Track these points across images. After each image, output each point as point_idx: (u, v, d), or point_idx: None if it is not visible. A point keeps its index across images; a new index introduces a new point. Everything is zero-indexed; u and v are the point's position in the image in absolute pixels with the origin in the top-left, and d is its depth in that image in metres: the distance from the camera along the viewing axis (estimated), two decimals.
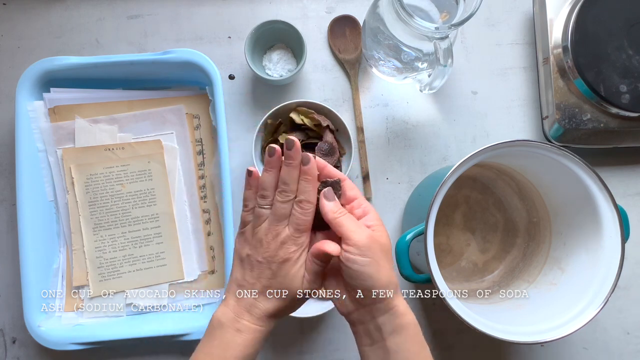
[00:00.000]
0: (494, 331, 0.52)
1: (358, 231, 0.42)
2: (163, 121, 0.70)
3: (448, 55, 0.56)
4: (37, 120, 0.67)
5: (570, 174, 0.55)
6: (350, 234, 0.42)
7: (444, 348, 0.69)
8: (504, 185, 0.69)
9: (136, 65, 0.66)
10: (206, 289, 0.68)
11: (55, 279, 0.67)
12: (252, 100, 0.72)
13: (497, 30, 0.75)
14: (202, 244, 0.69)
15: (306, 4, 0.74)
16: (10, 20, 0.73)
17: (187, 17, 0.73)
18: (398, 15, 0.55)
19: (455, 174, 0.52)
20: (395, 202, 0.71)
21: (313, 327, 0.68)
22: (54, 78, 0.67)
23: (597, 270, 0.55)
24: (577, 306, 0.54)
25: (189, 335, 0.63)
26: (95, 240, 0.67)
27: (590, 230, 0.57)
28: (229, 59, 0.73)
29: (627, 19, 0.66)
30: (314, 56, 0.73)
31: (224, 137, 0.65)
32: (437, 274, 0.52)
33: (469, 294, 0.65)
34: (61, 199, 0.68)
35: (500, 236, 0.70)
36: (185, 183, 0.69)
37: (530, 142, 0.54)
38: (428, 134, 0.72)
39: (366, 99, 0.73)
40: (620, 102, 0.64)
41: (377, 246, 0.43)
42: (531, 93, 0.73)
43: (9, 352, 0.68)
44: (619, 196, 0.65)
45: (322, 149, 0.64)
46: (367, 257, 0.42)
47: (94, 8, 0.73)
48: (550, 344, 0.68)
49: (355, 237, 0.42)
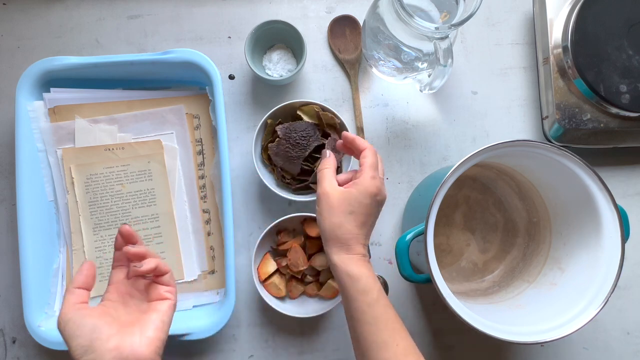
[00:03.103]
0: (494, 331, 0.52)
1: (319, 185, 0.54)
2: (163, 121, 0.70)
3: (448, 55, 0.56)
4: (37, 120, 0.67)
5: (570, 174, 0.55)
6: (317, 188, 0.54)
7: (444, 348, 0.69)
8: (504, 185, 0.69)
9: (136, 65, 0.66)
10: (206, 289, 0.68)
11: (55, 279, 0.67)
12: (252, 100, 0.72)
13: (497, 30, 0.75)
14: (202, 244, 0.69)
15: (306, 4, 0.74)
16: (10, 20, 0.73)
17: (187, 17, 0.73)
18: (398, 15, 0.55)
19: (455, 174, 0.52)
20: (395, 202, 0.71)
21: (313, 327, 0.68)
22: (54, 78, 0.67)
23: (597, 270, 0.55)
24: (577, 306, 0.54)
25: (189, 335, 0.63)
26: (95, 240, 0.67)
27: (590, 230, 0.57)
28: (229, 59, 0.73)
29: (627, 19, 0.66)
30: (314, 56, 0.73)
31: (224, 137, 0.65)
32: (437, 274, 0.52)
33: (469, 294, 0.65)
34: (61, 199, 0.68)
35: (500, 236, 0.70)
36: (185, 183, 0.69)
37: (530, 142, 0.54)
38: (428, 134, 0.72)
39: (366, 99, 0.73)
40: (620, 102, 0.64)
41: (324, 199, 0.52)
42: (531, 93, 0.73)
43: (9, 352, 0.68)
44: (619, 196, 0.65)
45: (331, 144, 0.64)
46: (317, 207, 0.53)
47: (94, 8, 0.73)
48: (550, 344, 0.68)
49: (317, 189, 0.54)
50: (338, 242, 0.51)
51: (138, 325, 0.47)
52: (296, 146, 0.63)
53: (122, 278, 0.50)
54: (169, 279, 0.51)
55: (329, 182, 0.53)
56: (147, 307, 0.50)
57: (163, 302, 0.50)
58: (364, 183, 0.52)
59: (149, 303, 0.50)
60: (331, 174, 0.54)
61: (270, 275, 0.65)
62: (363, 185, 0.52)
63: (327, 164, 0.56)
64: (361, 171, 0.53)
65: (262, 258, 0.65)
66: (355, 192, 0.52)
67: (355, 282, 0.50)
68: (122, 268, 0.51)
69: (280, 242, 0.66)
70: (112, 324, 0.46)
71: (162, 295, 0.50)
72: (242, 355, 0.68)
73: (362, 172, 0.53)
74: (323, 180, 0.54)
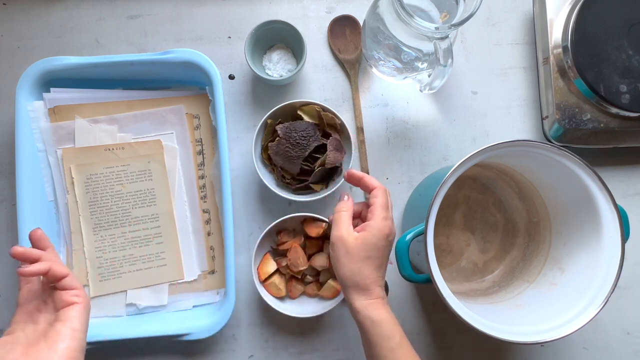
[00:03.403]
0: (494, 331, 0.52)
1: (335, 228, 0.54)
2: (163, 121, 0.70)
3: (448, 55, 0.56)
4: (37, 120, 0.67)
5: (570, 174, 0.55)
6: (332, 231, 0.54)
7: (444, 348, 0.69)
8: (504, 185, 0.69)
9: (136, 65, 0.66)
10: (206, 289, 0.68)
11: None
12: (252, 100, 0.72)
13: (497, 30, 0.75)
14: (202, 244, 0.69)
15: (306, 4, 0.74)
16: (10, 20, 0.73)
17: (187, 17, 0.73)
18: (398, 15, 0.55)
19: (455, 174, 0.52)
20: (395, 202, 0.71)
21: (313, 327, 0.68)
22: (54, 78, 0.67)
23: (597, 270, 0.55)
24: (577, 306, 0.54)
25: (189, 335, 0.63)
26: (95, 240, 0.67)
27: (590, 230, 0.57)
28: (229, 59, 0.73)
29: (627, 19, 0.66)
30: (314, 56, 0.73)
31: (224, 137, 0.65)
32: (437, 274, 0.52)
33: (469, 294, 0.65)
34: (61, 199, 0.68)
35: (500, 236, 0.70)
36: (185, 183, 0.69)
37: (530, 142, 0.54)
38: (428, 134, 0.72)
39: (366, 99, 0.73)
40: (620, 102, 0.64)
41: (341, 246, 0.52)
42: (531, 93, 0.73)
43: None
44: (619, 196, 0.65)
45: (333, 144, 0.64)
46: (331, 252, 0.54)
47: (94, 8, 0.73)
48: (550, 344, 0.68)
49: (331, 234, 0.54)
50: (358, 288, 0.52)
51: (44, 340, 0.45)
52: (296, 146, 0.63)
53: (28, 296, 0.49)
54: (71, 282, 0.49)
55: (346, 227, 0.53)
56: (55, 317, 0.48)
57: (71, 308, 0.48)
58: (377, 226, 0.52)
59: (57, 313, 0.48)
60: (347, 218, 0.54)
61: (270, 275, 0.65)
62: (376, 228, 0.52)
63: (345, 206, 0.55)
64: (372, 212, 0.53)
65: (262, 258, 0.65)
66: (370, 237, 0.52)
67: (378, 328, 0.50)
68: (28, 285, 0.50)
69: (280, 242, 0.66)
70: (14, 349, 0.44)
71: (69, 300, 0.48)
72: (242, 355, 0.68)
73: (373, 214, 0.53)
74: (340, 223, 0.53)
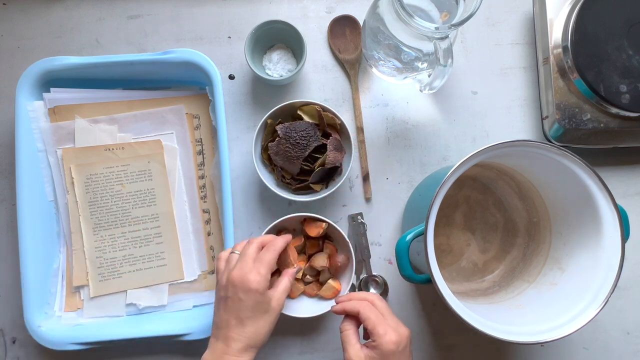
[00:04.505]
0: (494, 331, 0.52)
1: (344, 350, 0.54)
2: (163, 121, 0.70)
3: (448, 55, 0.56)
4: (37, 120, 0.67)
5: (570, 174, 0.55)
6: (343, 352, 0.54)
7: (444, 348, 0.69)
8: (504, 185, 0.69)
9: (136, 65, 0.66)
10: (206, 289, 0.68)
11: (55, 279, 0.67)
12: (252, 100, 0.72)
13: (497, 30, 0.75)
14: (202, 244, 0.69)
15: (306, 4, 0.74)
16: (10, 20, 0.73)
17: (187, 17, 0.73)
18: (398, 15, 0.55)
19: (455, 174, 0.52)
20: (395, 202, 0.71)
21: (313, 327, 0.68)
22: (54, 78, 0.67)
23: (597, 270, 0.55)
24: (577, 306, 0.54)
25: (189, 335, 0.63)
26: (95, 240, 0.67)
27: (590, 230, 0.57)
28: (229, 59, 0.73)
29: (627, 19, 0.66)
30: (314, 56, 0.73)
31: (224, 137, 0.65)
32: (437, 274, 0.52)
33: (469, 294, 0.65)
34: (61, 199, 0.68)
35: (500, 236, 0.70)
36: (185, 183, 0.69)
37: (530, 142, 0.54)
38: (428, 134, 0.72)
39: (366, 99, 0.73)
40: (620, 102, 0.64)
41: None
42: (531, 93, 0.73)
43: (9, 352, 0.68)
44: (619, 196, 0.65)
45: (333, 144, 0.64)
46: None
47: (94, 8, 0.73)
48: (550, 344, 0.68)
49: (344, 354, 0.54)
50: None
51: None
52: (296, 146, 0.63)
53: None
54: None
55: (354, 349, 0.53)
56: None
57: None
58: (381, 347, 0.52)
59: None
60: (354, 337, 0.54)
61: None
62: (380, 349, 0.52)
63: (348, 325, 0.55)
64: (372, 333, 0.53)
65: None
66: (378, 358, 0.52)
67: None
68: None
69: None
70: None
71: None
72: None
73: (373, 335, 0.52)
74: (347, 345, 0.54)
